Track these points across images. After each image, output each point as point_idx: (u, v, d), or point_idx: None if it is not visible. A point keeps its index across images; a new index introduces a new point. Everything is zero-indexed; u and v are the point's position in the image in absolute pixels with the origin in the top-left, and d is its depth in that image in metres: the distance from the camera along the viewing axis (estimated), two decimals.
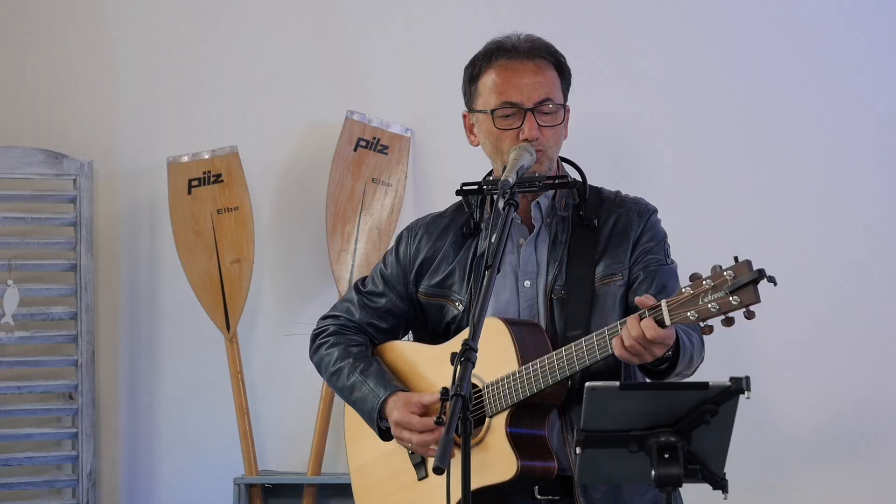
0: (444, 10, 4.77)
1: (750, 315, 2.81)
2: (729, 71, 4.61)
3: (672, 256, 3.30)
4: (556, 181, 3.23)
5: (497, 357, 3.14)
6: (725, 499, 2.76)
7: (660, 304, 2.91)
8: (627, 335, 2.95)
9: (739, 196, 4.58)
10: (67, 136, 4.89)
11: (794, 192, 4.57)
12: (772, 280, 2.77)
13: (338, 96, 4.80)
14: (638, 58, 4.65)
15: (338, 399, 4.64)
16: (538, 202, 3.29)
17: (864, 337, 4.52)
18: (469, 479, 2.71)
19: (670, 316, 2.89)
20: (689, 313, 2.86)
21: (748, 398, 2.68)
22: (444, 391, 2.75)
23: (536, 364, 3.09)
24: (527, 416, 3.15)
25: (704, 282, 2.84)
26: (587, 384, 2.71)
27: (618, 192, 3.36)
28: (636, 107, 4.65)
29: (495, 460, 3.13)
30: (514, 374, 3.12)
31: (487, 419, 3.16)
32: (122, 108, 4.93)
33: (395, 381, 3.32)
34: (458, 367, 2.76)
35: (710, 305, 2.84)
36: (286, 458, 4.84)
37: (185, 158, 4.79)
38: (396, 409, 3.24)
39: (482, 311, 2.86)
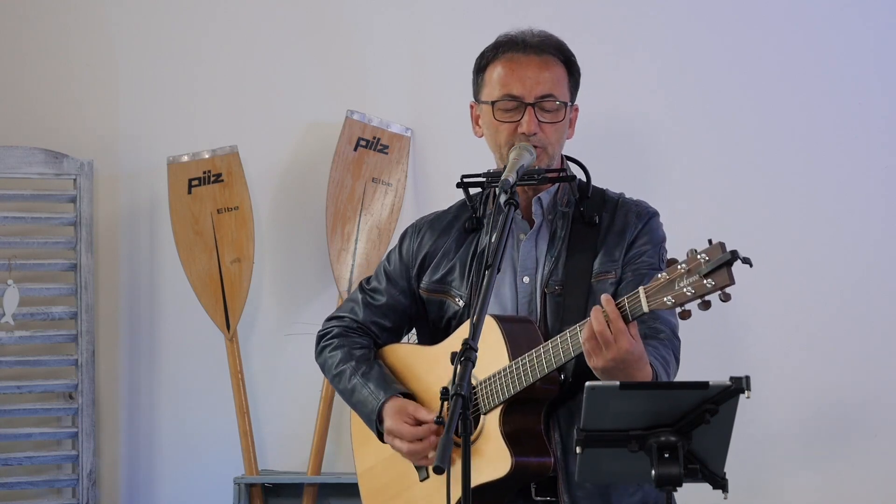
0: (444, 10, 4.77)
1: (726, 297, 2.78)
2: (734, 71, 4.61)
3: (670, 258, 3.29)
4: (557, 175, 3.22)
5: (489, 354, 3.12)
6: (725, 498, 2.76)
7: (637, 292, 2.90)
8: (588, 329, 2.92)
9: (742, 196, 4.58)
10: (67, 136, 4.89)
11: (796, 192, 4.57)
12: (747, 261, 2.73)
13: (338, 96, 4.80)
14: (643, 56, 4.64)
15: (338, 399, 4.65)
16: (539, 198, 3.28)
17: (864, 336, 4.52)
18: (469, 479, 2.71)
19: (648, 302, 2.87)
20: (665, 299, 2.84)
21: (748, 398, 2.67)
22: (444, 390, 2.75)
23: (525, 358, 3.08)
24: (519, 412, 3.13)
25: (680, 266, 2.81)
26: (587, 384, 2.70)
27: (621, 195, 3.35)
28: (641, 105, 4.64)
29: (490, 457, 3.12)
30: (505, 370, 3.11)
31: (482, 416, 3.16)
32: (122, 108, 4.93)
33: (396, 384, 3.32)
34: (458, 366, 2.76)
35: (685, 290, 2.81)
36: (286, 458, 4.84)
37: (185, 158, 4.79)
38: (389, 417, 3.25)
39: (482, 311, 2.85)
